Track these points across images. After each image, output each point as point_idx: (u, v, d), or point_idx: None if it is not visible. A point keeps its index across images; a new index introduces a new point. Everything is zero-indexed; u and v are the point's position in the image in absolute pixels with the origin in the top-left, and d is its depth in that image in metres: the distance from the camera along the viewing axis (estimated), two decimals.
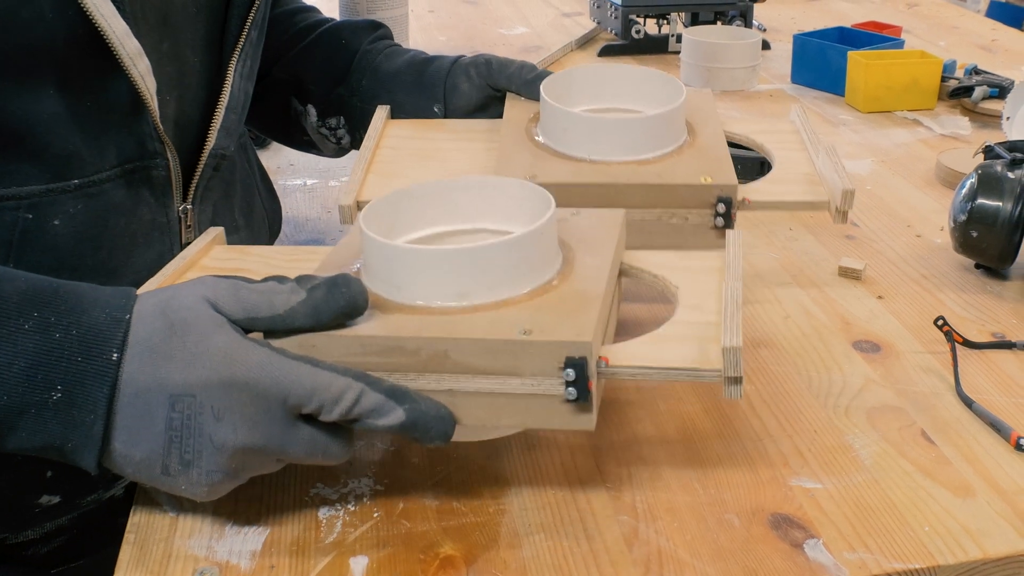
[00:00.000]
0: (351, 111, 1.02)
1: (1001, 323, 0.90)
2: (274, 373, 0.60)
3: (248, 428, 0.60)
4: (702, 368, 0.63)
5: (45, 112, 0.73)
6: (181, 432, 0.59)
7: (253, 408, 0.60)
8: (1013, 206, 0.92)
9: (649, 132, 0.85)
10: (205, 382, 0.59)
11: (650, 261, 0.75)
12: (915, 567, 0.62)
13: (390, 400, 0.61)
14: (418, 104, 0.99)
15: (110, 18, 0.72)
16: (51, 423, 0.59)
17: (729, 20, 1.73)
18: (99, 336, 0.60)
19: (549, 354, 0.61)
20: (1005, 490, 0.69)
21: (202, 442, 0.59)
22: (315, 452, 0.62)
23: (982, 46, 1.80)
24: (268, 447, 0.61)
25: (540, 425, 0.64)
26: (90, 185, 0.77)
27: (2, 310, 0.60)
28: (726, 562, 0.63)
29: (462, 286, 0.65)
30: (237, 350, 0.60)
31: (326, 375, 0.60)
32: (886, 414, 0.77)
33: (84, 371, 0.59)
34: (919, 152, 1.30)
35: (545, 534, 0.65)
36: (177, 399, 0.59)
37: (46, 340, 0.59)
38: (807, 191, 0.86)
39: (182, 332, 0.60)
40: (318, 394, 0.60)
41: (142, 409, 0.60)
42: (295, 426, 0.61)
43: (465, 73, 0.99)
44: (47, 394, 0.59)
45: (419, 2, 2.08)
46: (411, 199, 0.74)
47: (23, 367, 0.59)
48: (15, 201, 0.73)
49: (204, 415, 0.59)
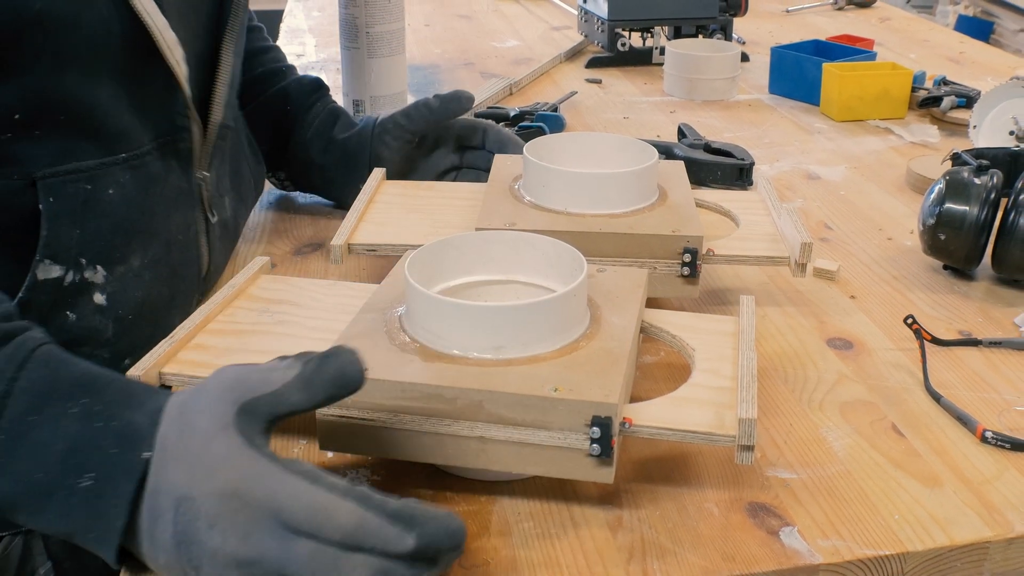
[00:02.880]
0: (293, 171, 1.13)
1: (968, 322, 0.90)
2: (269, 486, 0.55)
3: (239, 539, 0.54)
4: (717, 433, 0.63)
5: (101, 96, 0.78)
6: (184, 538, 0.56)
7: (244, 519, 0.55)
8: (979, 210, 0.92)
9: (622, 188, 0.87)
10: (202, 487, 0.55)
11: (669, 321, 0.76)
12: (885, 553, 0.63)
13: (396, 525, 0.54)
14: (349, 177, 1.07)
15: (153, 15, 0.78)
16: (77, 509, 0.57)
17: (710, 33, 1.73)
18: (136, 432, 0.58)
19: (577, 412, 0.62)
20: (971, 480, 0.69)
21: (201, 550, 0.55)
22: (319, 570, 0.54)
23: (950, 58, 1.80)
24: (264, 561, 0.54)
25: (562, 475, 0.64)
26: (135, 158, 0.82)
27: (55, 392, 0.60)
28: (706, 548, 0.63)
29: (499, 340, 0.65)
30: (235, 457, 0.56)
31: (324, 496, 0.54)
32: (858, 408, 0.77)
33: (116, 463, 0.58)
34: (890, 159, 1.30)
35: (534, 522, 0.65)
36: (180, 502, 0.56)
37: (87, 427, 0.58)
38: (769, 248, 0.88)
39: (188, 435, 0.57)
40: (315, 515, 0.54)
41: (156, 511, 0.57)
42: (294, 542, 0.54)
43: (383, 142, 1.06)
44: (78, 479, 0.57)
45: (416, 16, 2.08)
46: (451, 249, 0.75)
47: (61, 449, 0.58)
48: (77, 175, 0.77)
49: (200, 521, 0.55)
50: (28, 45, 0.72)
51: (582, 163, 0.95)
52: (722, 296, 0.94)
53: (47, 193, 0.76)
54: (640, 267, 0.82)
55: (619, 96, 1.58)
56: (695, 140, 1.24)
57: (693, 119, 1.44)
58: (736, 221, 0.94)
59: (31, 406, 0.59)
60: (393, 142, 1.06)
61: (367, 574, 0.54)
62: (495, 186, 0.92)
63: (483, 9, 2.20)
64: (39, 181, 0.75)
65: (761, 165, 1.26)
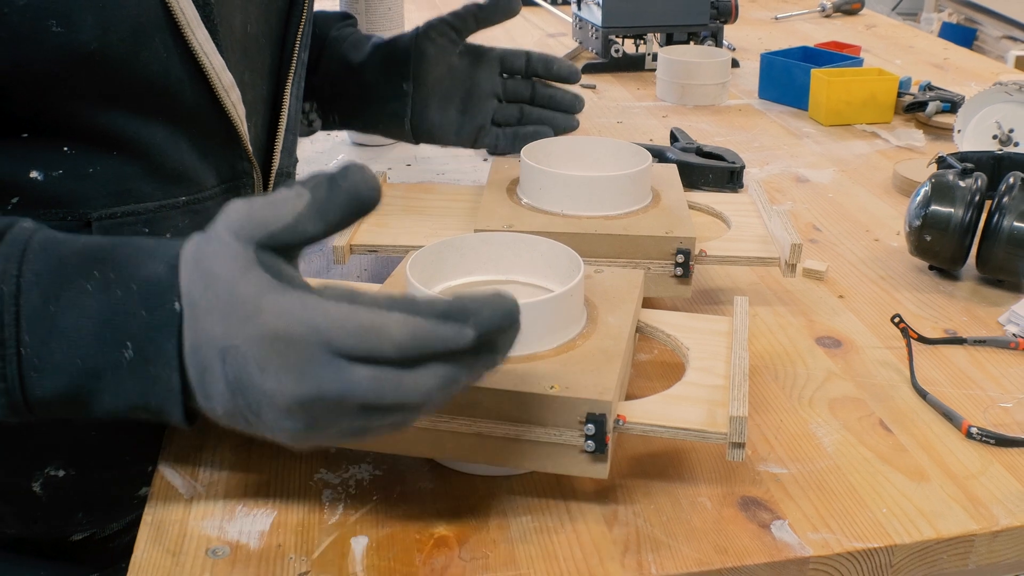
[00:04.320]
0: (322, 96, 1.03)
1: (953, 321, 0.90)
2: (309, 318, 0.51)
3: (294, 379, 0.51)
4: (709, 431, 0.63)
5: (158, 136, 0.74)
6: (238, 385, 0.52)
7: (295, 358, 0.51)
8: (964, 212, 0.92)
9: (617, 190, 0.87)
10: (243, 333, 0.52)
11: (664, 321, 0.76)
12: (874, 546, 0.63)
13: (450, 323, 0.51)
14: (387, 84, 0.99)
15: (211, 55, 0.73)
16: (128, 382, 0.55)
17: (701, 40, 1.73)
18: (158, 287, 0.55)
19: (572, 409, 0.62)
20: (956, 475, 0.69)
21: (257, 395, 0.52)
22: (384, 391, 0.51)
23: (935, 64, 1.80)
24: (326, 395, 0.51)
25: (558, 470, 0.64)
26: (196, 202, 0.78)
27: (65, 272, 0.56)
28: (699, 541, 0.63)
29: None
30: (266, 297, 0.52)
31: (369, 314, 0.51)
32: (847, 405, 0.77)
33: (150, 325, 0.55)
34: (877, 162, 1.31)
35: (532, 516, 0.65)
36: (225, 352, 0.52)
37: (109, 298, 0.55)
38: (760, 249, 0.88)
39: (213, 283, 0.53)
40: (366, 337, 0.50)
41: (202, 365, 0.54)
42: (350, 370, 0.51)
43: (427, 37, 0.98)
44: (119, 353, 0.55)
45: (415, 23, 2.06)
46: (452, 249, 0.75)
47: (92, 329, 0.55)
48: (135, 216, 0.74)
49: (250, 366, 0.52)
50: (82, 83, 0.69)
51: (577, 166, 0.95)
52: (714, 296, 0.94)
53: (103, 235, 0.71)
54: (634, 267, 0.83)
55: (613, 101, 1.58)
56: (687, 144, 1.24)
57: (685, 123, 1.45)
58: (727, 223, 0.94)
59: (47, 295, 0.56)
60: (439, 38, 0.99)
61: (435, 383, 0.52)
62: (493, 188, 0.93)
63: None
64: (95, 223, 0.72)
65: (751, 168, 1.26)
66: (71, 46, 0.66)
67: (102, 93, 0.70)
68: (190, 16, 0.71)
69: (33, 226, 0.60)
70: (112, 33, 0.68)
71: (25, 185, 0.71)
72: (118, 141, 0.72)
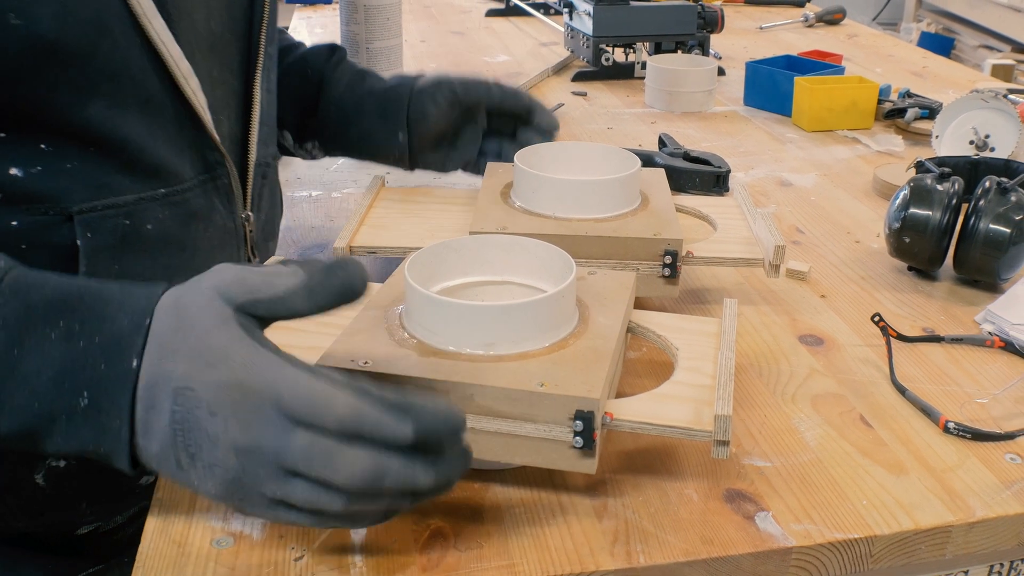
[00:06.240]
0: (323, 136, 1.04)
1: (931, 319, 0.90)
2: (268, 375, 0.54)
3: (240, 427, 0.54)
4: (695, 429, 0.63)
5: (132, 129, 0.74)
6: (183, 425, 0.54)
7: (245, 408, 0.54)
8: (942, 215, 0.92)
9: (607, 194, 0.88)
10: (202, 377, 0.54)
11: (655, 321, 0.76)
12: (854, 537, 0.63)
13: (393, 414, 0.53)
14: (384, 133, 0.99)
15: (168, 44, 0.74)
16: (82, 429, 0.56)
17: (688, 49, 1.73)
18: (120, 344, 0.56)
19: (561, 406, 0.61)
20: (934, 468, 0.70)
21: (201, 435, 0.54)
22: (314, 458, 0.53)
23: (914, 72, 1.81)
24: (263, 450, 0.54)
25: (547, 465, 0.64)
26: (174, 194, 0.78)
27: (31, 319, 0.57)
28: (686, 532, 0.63)
29: (490, 337, 0.65)
30: (236, 348, 0.55)
31: (323, 386, 0.54)
32: (828, 400, 0.77)
33: (107, 377, 0.56)
34: (858, 167, 1.31)
35: (524, 508, 0.65)
36: (179, 392, 0.54)
37: (71, 348, 0.56)
38: (744, 250, 0.88)
39: (187, 327, 0.56)
40: (313, 404, 0.53)
41: (152, 402, 0.55)
42: (293, 432, 0.53)
43: (432, 99, 0.97)
44: (75, 400, 0.56)
45: (412, 33, 2.07)
46: (450, 251, 0.75)
47: (51, 375, 0.56)
48: (115, 209, 0.74)
49: (201, 409, 0.54)
50: (46, 76, 0.69)
51: (569, 171, 0.95)
52: (701, 295, 0.94)
53: (84, 228, 0.73)
54: (624, 268, 0.83)
55: (603, 108, 1.58)
56: (675, 149, 1.24)
57: (673, 129, 1.45)
58: (713, 225, 0.94)
59: (11, 339, 0.57)
60: (443, 101, 0.97)
61: (364, 465, 0.53)
62: (487, 192, 0.93)
63: (475, 26, 2.20)
64: (76, 216, 0.72)
65: (737, 173, 1.26)
66: (31, 38, 0.67)
67: (70, 86, 0.70)
68: (146, 6, 0.72)
69: (5, 265, 0.60)
70: (71, 24, 0.68)
71: (5, 182, 0.71)
72: (94, 137, 0.72)
